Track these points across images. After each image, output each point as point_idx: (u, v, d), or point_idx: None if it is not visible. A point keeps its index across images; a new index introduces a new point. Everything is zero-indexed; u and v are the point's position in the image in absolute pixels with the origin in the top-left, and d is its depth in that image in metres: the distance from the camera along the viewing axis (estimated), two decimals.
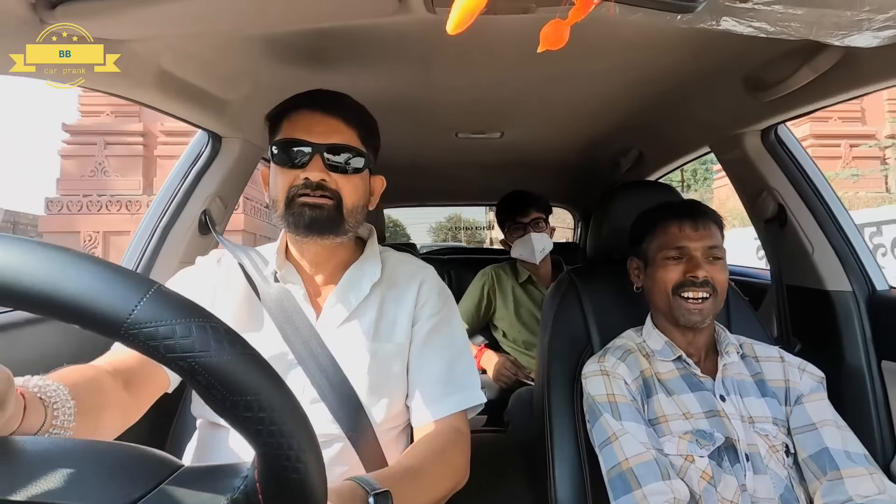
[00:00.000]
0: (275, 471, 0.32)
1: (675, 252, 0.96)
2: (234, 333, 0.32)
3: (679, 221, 0.97)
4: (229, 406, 0.30)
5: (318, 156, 0.79)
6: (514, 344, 1.91)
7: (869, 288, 1.26)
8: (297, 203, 0.79)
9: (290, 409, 0.32)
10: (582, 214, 2.88)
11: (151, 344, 0.29)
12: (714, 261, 0.95)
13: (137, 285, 0.31)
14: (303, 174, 0.78)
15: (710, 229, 0.96)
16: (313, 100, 0.83)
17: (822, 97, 1.03)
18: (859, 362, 1.21)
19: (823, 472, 0.84)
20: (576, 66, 1.13)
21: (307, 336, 0.78)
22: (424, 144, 1.87)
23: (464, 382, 0.83)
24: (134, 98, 1.00)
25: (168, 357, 0.30)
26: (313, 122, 0.80)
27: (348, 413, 0.75)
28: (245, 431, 0.31)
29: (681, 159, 1.81)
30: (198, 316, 0.31)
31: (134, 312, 0.29)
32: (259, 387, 0.31)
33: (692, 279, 0.93)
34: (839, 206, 1.29)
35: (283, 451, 0.31)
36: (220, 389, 0.30)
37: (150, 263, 1.22)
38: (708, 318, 0.94)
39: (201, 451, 0.82)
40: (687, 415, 0.91)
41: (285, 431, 0.31)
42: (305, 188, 0.78)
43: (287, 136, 0.80)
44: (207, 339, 0.30)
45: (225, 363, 0.30)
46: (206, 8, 0.74)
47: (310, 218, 0.78)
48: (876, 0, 0.59)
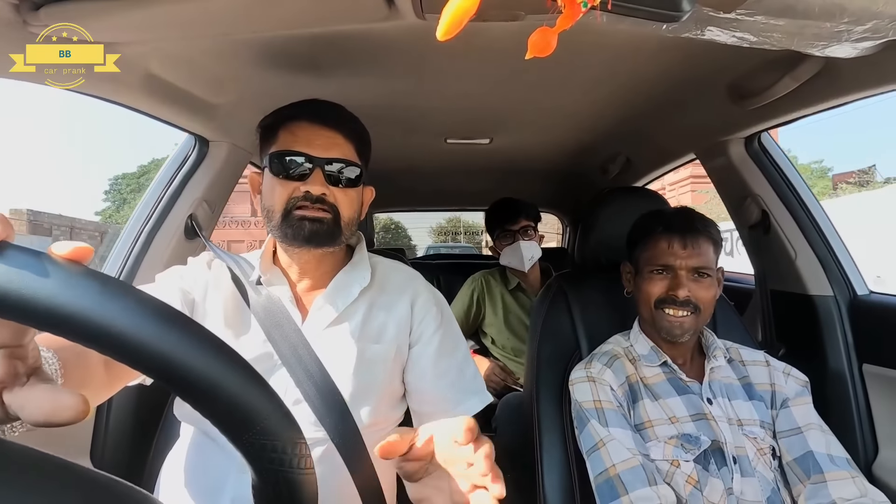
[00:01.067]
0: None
1: (661, 267, 0.96)
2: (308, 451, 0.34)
3: (669, 237, 0.96)
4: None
5: (319, 169, 0.80)
6: (503, 350, 1.91)
7: (850, 293, 1.28)
8: (295, 216, 0.79)
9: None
10: (570, 220, 2.90)
11: (260, 455, 0.31)
12: (700, 279, 0.94)
13: (273, 405, 0.32)
14: (303, 187, 0.79)
15: (700, 248, 0.94)
16: (314, 112, 0.83)
17: (804, 106, 1.05)
18: (841, 366, 1.23)
19: (808, 476, 0.85)
20: (564, 73, 1.14)
21: (293, 338, 0.78)
22: (414, 150, 1.87)
23: (474, 387, 0.87)
24: (120, 101, 0.98)
25: (267, 468, 0.31)
26: (314, 135, 0.81)
27: (333, 415, 0.75)
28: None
29: (667, 165, 1.83)
30: (298, 435, 0.33)
31: (261, 426, 0.31)
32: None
33: (673, 297, 0.93)
34: (821, 213, 1.32)
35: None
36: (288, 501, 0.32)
37: (133, 268, 1.20)
38: (688, 334, 0.95)
39: (187, 458, 0.81)
40: (673, 419, 0.91)
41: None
42: (305, 201, 0.79)
43: (287, 147, 0.81)
44: (293, 459, 0.32)
45: (299, 480, 0.32)
46: (195, 12, 0.73)
47: (310, 231, 0.79)
48: (854, 12, 0.60)
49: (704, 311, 0.94)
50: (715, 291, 0.96)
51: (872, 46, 0.70)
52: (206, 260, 0.90)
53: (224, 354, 0.31)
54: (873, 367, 1.19)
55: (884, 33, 0.64)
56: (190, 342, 0.30)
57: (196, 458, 0.80)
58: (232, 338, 0.81)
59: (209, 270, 0.88)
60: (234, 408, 0.30)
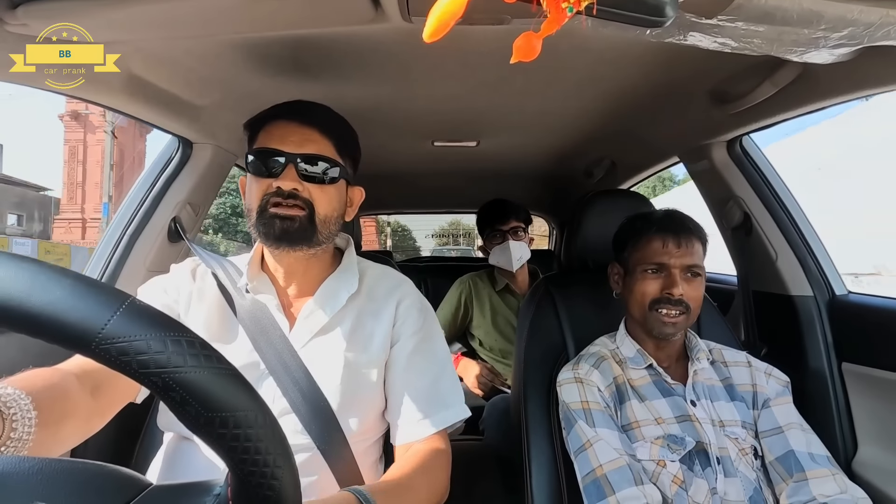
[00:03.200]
0: (249, 488, 0.31)
1: (655, 267, 0.97)
2: (210, 348, 0.31)
3: (663, 236, 0.96)
4: (204, 423, 0.30)
5: (292, 165, 0.78)
6: (491, 352, 1.91)
7: (829, 293, 1.31)
8: (268, 213, 0.78)
9: (266, 425, 0.31)
10: (557, 222, 2.92)
11: (123, 359, 0.28)
12: (692, 278, 0.95)
13: (110, 298, 0.29)
14: (276, 183, 0.78)
15: (693, 247, 0.95)
16: (290, 109, 0.82)
17: (784, 110, 1.08)
18: (821, 364, 1.26)
19: (790, 474, 0.87)
20: (549, 77, 1.15)
21: (280, 347, 0.77)
22: (400, 152, 1.87)
23: (448, 400, 0.83)
24: (101, 102, 0.97)
25: (141, 373, 0.29)
26: (288, 132, 0.80)
27: (320, 424, 0.74)
28: (219, 448, 0.30)
29: (652, 168, 1.86)
30: (173, 330, 0.30)
31: (106, 326, 0.28)
32: (235, 403, 0.30)
33: (668, 296, 0.94)
34: (801, 215, 1.35)
35: (259, 468, 0.31)
36: (195, 406, 0.29)
37: (115, 272, 1.17)
38: (680, 332, 0.96)
39: (169, 465, 0.80)
40: (659, 420, 0.92)
41: (261, 448, 0.30)
42: (277, 196, 0.78)
43: (262, 145, 0.80)
44: (183, 355, 0.29)
45: (200, 379, 0.29)
46: (178, 12, 0.72)
47: (280, 229, 0.77)
48: (831, 20, 0.62)
49: (694, 310, 0.96)
50: (703, 291, 0.97)
51: (848, 52, 0.72)
52: (191, 268, 0.88)
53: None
54: (852, 366, 1.22)
55: (859, 40, 0.65)
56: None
57: (178, 467, 0.78)
58: (218, 348, 0.79)
59: (193, 281, 0.86)
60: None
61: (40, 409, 0.48)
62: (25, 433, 0.46)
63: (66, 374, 0.60)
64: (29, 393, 0.49)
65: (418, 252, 21.89)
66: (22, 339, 0.93)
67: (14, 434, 0.45)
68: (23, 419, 0.46)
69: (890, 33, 0.63)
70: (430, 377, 0.83)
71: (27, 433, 0.46)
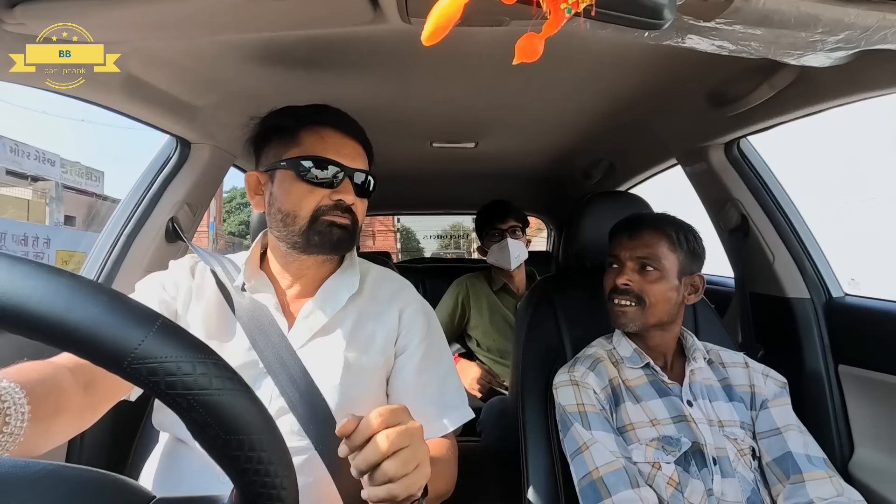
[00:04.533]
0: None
1: (612, 258, 1.03)
2: (233, 370, 0.32)
3: (620, 232, 1.03)
4: (221, 445, 0.30)
5: (348, 179, 0.81)
6: (489, 352, 1.92)
7: (826, 295, 1.31)
8: (323, 221, 0.79)
9: (275, 449, 0.32)
10: (556, 224, 2.92)
11: (153, 380, 0.29)
12: (644, 271, 0.98)
13: (145, 319, 0.30)
14: (335, 195, 0.80)
15: (644, 239, 0.99)
16: (339, 120, 0.84)
17: (781, 113, 1.08)
18: (818, 366, 1.26)
19: (787, 476, 0.87)
20: (548, 79, 1.15)
21: (278, 346, 0.77)
22: (399, 153, 1.87)
23: (455, 402, 0.85)
24: (98, 102, 0.96)
25: (168, 394, 0.29)
26: (342, 144, 0.82)
27: (318, 425, 0.74)
28: (231, 469, 0.31)
29: (650, 170, 1.86)
30: (202, 353, 0.31)
31: (140, 346, 0.29)
32: (251, 427, 0.31)
33: (615, 286, 0.99)
34: (798, 217, 1.35)
35: (266, 490, 0.31)
36: (215, 428, 0.30)
37: (112, 272, 1.17)
38: (633, 325, 0.98)
39: (164, 465, 0.79)
40: (654, 421, 0.92)
41: (270, 471, 0.31)
42: (335, 209, 0.80)
43: (318, 153, 0.80)
44: (209, 377, 0.30)
45: (223, 402, 0.30)
46: (176, 12, 0.72)
47: (338, 238, 0.80)
48: (828, 23, 0.62)
49: (652, 304, 0.97)
50: (666, 288, 0.97)
51: (845, 56, 0.72)
52: (189, 265, 0.87)
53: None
54: (849, 368, 1.22)
55: (856, 43, 0.65)
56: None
57: (174, 467, 0.78)
58: (216, 346, 0.79)
59: (192, 277, 0.85)
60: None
61: (34, 403, 0.48)
62: (18, 427, 0.46)
63: (59, 368, 0.60)
64: (23, 386, 0.48)
65: (421, 252, 23.41)
66: (18, 339, 0.93)
67: (6, 428, 0.45)
68: (16, 413, 0.46)
69: (887, 37, 0.64)
70: (438, 381, 0.85)
71: (19, 427, 0.46)
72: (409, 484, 0.51)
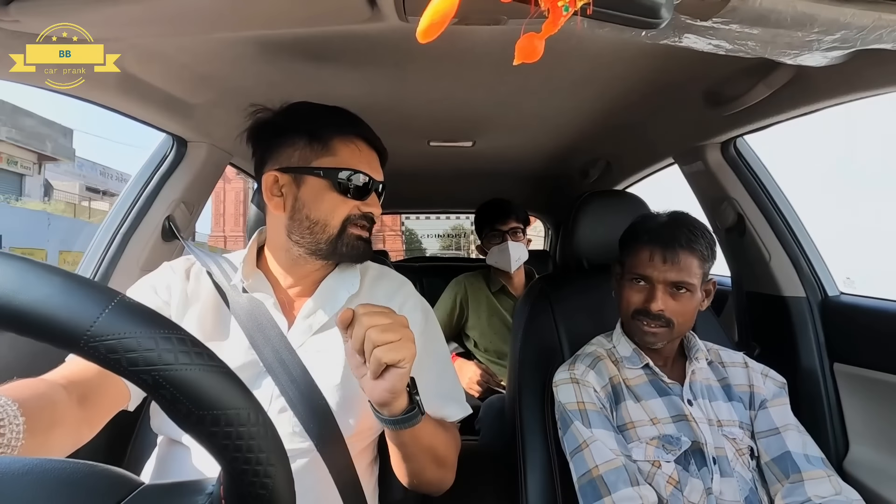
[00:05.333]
0: (242, 486, 0.31)
1: (639, 277, 0.96)
2: (201, 345, 0.31)
3: (651, 248, 0.94)
4: (195, 421, 0.29)
5: (375, 192, 0.84)
6: (486, 353, 1.91)
7: (821, 293, 1.32)
8: (351, 234, 0.81)
9: (258, 423, 0.31)
10: (553, 223, 2.92)
11: (113, 357, 0.28)
12: (677, 293, 0.93)
13: (100, 296, 0.29)
14: (364, 208, 0.82)
15: (681, 262, 0.92)
16: (369, 132, 0.87)
17: (777, 112, 1.08)
18: (814, 365, 1.27)
19: (786, 475, 0.87)
20: (545, 77, 1.15)
21: (277, 345, 0.76)
22: (396, 152, 1.86)
23: (453, 396, 0.86)
24: (94, 100, 0.96)
25: (130, 370, 0.28)
26: (372, 158, 0.85)
27: (318, 423, 0.74)
28: (211, 447, 0.30)
29: (647, 169, 1.86)
30: (162, 327, 0.30)
31: (95, 324, 0.28)
32: (226, 401, 0.30)
33: (646, 309, 0.93)
34: (794, 216, 1.36)
35: (251, 467, 0.30)
36: (186, 404, 0.29)
37: (108, 271, 1.16)
38: (662, 342, 0.95)
39: (161, 469, 0.79)
40: (654, 420, 0.92)
41: (253, 447, 0.30)
42: (364, 220, 0.82)
43: (354, 166, 0.81)
44: (173, 352, 0.29)
45: (191, 377, 0.29)
46: (173, 9, 0.72)
47: (364, 251, 0.83)
48: (824, 23, 0.62)
49: (680, 324, 0.94)
50: (695, 305, 0.95)
51: (842, 56, 0.73)
52: (184, 267, 0.86)
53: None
54: (844, 366, 1.23)
55: (852, 43, 0.66)
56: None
57: (170, 470, 0.77)
58: (214, 346, 0.79)
59: (187, 280, 0.84)
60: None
61: (28, 416, 0.48)
62: (14, 439, 0.46)
63: (52, 384, 0.60)
64: (15, 400, 0.48)
65: (424, 252, 24.76)
66: (12, 338, 0.92)
67: (2, 440, 0.45)
68: (10, 424, 0.46)
69: (882, 37, 0.64)
70: (434, 375, 0.84)
71: (16, 439, 0.46)
72: (392, 350, 0.60)
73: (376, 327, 0.60)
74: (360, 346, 0.61)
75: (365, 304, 0.63)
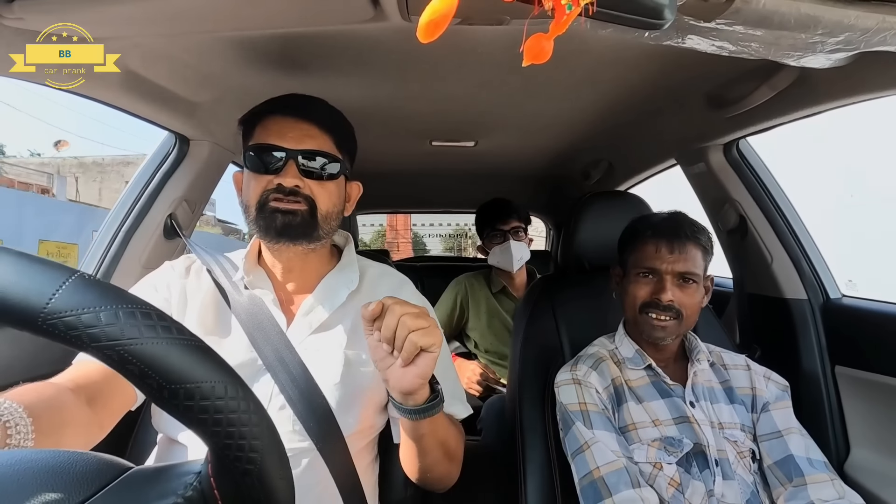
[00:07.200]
0: (228, 462, 0.30)
1: (647, 271, 0.96)
2: (168, 318, 0.30)
3: (656, 241, 0.95)
4: (168, 396, 0.28)
5: (292, 161, 0.78)
6: (487, 354, 1.91)
7: (823, 296, 1.31)
8: (268, 208, 0.78)
9: (237, 396, 0.30)
10: (555, 223, 2.92)
11: (73, 334, 0.27)
12: (685, 284, 0.94)
13: (55, 273, 0.28)
14: (276, 180, 0.78)
15: (687, 253, 0.94)
16: (286, 104, 0.82)
17: (780, 114, 1.08)
18: (815, 367, 1.26)
19: (789, 479, 0.87)
20: (548, 78, 1.15)
21: (277, 342, 0.76)
22: (398, 151, 1.87)
23: (454, 394, 0.86)
24: (97, 98, 0.96)
25: (93, 346, 0.28)
26: (286, 128, 0.79)
27: (317, 422, 0.74)
28: (189, 422, 0.29)
29: (649, 171, 1.86)
30: (125, 301, 0.29)
31: (52, 301, 0.27)
32: (198, 374, 0.29)
33: (657, 301, 0.94)
34: (796, 218, 1.35)
35: (234, 441, 0.29)
36: (156, 378, 0.28)
37: (110, 269, 1.17)
38: (671, 337, 0.95)
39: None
40: (656, 422, 0.92)
41: (234, 420, 0.29)
42: (278, 193, 0.78)
43: (260, 141, 0.79)
44: (137, 325, 0.28)
45: (158, 350, 0.28)
46: (176, 8, 0.72)
47: (282, 223, 0.77)
48: (828, 25, 0.62)
49: (688, 317, 0.95)
50: (700, 298, 0.96)
51: (845, 58, 0.72)
52: (186, 265, 0.87)
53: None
54: (845, 369, 1.22)
55: (856, 45, 0.66)
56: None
57: None
58: (214, 344, 0.79)
59: (187, 277, 0.85)
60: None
61: (36, 418, 0.48)
62: (23, 439, 0.46)
63: (59, 387, 0.60)
64: (21, 403, 0.48)
65: (427, 250, 25.96)
66: (14, 337, 0.92)
67: (11, 441, 0.45)
68: (17, 425, 0.46)
69: (886, 39, 0.64)
70: (438, 374, 0.84)
71: (25, 439, 0.46)
72: (425, 335, 0.61)
73: (409, 314, 0.61)
74: (391, 335, 0.61)
75: (392, 297, 0.64)
